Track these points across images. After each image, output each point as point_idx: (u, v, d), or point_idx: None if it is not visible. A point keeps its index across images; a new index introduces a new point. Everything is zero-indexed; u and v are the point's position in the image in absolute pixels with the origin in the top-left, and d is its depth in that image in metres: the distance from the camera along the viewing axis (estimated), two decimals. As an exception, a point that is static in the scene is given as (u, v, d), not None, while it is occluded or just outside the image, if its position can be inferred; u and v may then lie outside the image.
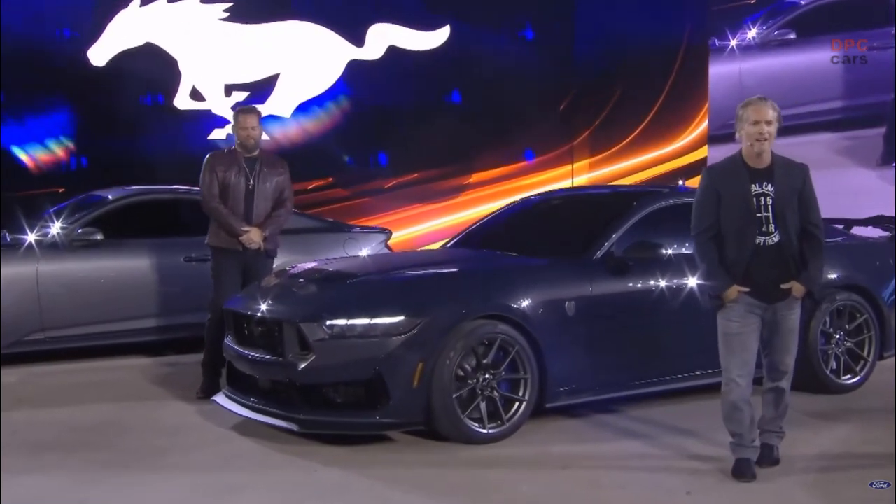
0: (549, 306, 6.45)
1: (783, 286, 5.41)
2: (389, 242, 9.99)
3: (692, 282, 6.83)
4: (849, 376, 7.47)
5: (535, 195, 8.56)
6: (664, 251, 6.78)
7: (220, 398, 6.74)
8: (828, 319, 7.38)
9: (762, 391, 5.65)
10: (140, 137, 13.24)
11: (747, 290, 5.40)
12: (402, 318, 6.07)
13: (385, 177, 14.12)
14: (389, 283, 6.64)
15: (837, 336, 7.44)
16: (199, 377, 7.52)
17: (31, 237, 8.51)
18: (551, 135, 14.51)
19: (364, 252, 9.41)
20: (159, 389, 7.68)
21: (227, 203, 7.49)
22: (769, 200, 5.37)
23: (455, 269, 6.85)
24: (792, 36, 14.70)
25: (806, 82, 14.34)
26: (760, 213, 5.37)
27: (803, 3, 14.82)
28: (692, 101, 14.68)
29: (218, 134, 13.53)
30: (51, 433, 6.52)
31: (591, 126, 14.64)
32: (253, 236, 7.45)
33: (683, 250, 6.90)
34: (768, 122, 5.34)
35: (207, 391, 7.30)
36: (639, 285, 6.79)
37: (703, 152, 14.39)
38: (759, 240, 5.38)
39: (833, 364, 7.41)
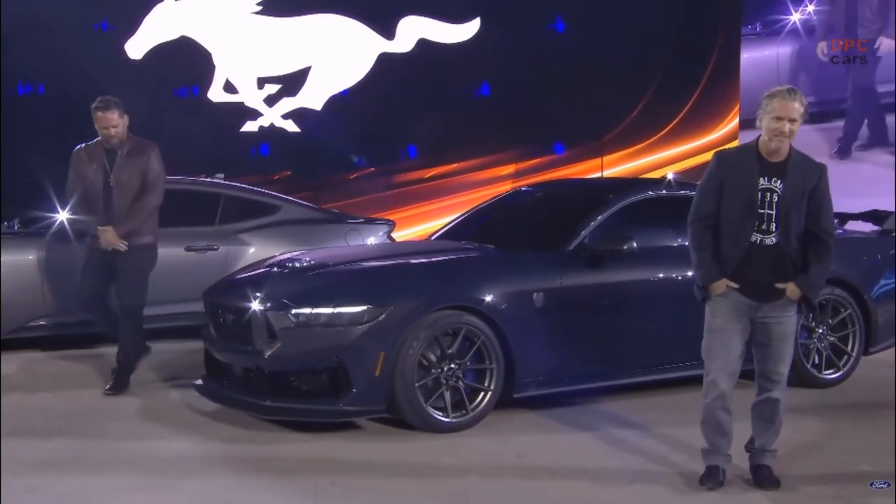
0: (516, 297, 6.50)
1: (778, 285, 5.12)
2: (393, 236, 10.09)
3: (665, 275, 6.86)
4: (831, 371, 7.43)
5: (524, 187, 8.59)
6: (638, 244, 6.76)
7: (198, 385, 6.91)
8: (810, 313, 7.33)
9: (752, 403, 5.35)
10: (175, 128, 13.44)
11: (737, 286, 5.16)
12: (365, 307, 6.17)
13: (413, 169, 14.23)
14: (356, 273, 6.75)
15: (820, 330, 7.40)
16: (194, 364, 7.70)
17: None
18: (581, 128, 14.47)
19: (371, 241, 9.54)
20: (151, 375, 7.85)
21: (87, 201, 7.29)
22: (775, 197, 5.06)
23: (422, 260, 6.92)
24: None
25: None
26: (763, 209, 5.07)
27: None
28: (726, 94, 14.55)
29: (250, 126, 13.76)
30: (29, 419, 6.70)
31: (623, 120, 14.56)
32: (107, 237, 7.20)
33: (658, 243, 6.94)
34: (792, 120, 4.99)
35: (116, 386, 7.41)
36: (611, 278, 6.81)
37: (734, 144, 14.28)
38: (756, 237, 5.09)
39: (815, 358, 7.37)
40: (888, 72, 13.95)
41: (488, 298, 6.41)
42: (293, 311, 6.23)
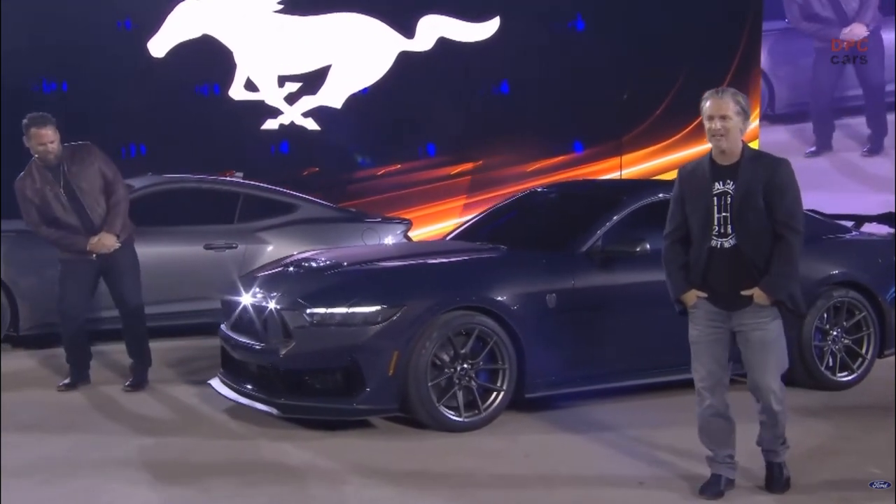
0: (529, 298, 6.55)
1: (744, 293, 5.07)
2: (410, 234, 10.16)
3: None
4: (845, 373, 7.42)
5: (539, 188, 8.64)
6: (650, 246, 6.78)
7: (214, 382, 7.00)
8: (825, 316, 7.33)
9: (757, 410, 5.29)
10: (196, 126, 13.52)
11: (705, 295, 5.16)
12: (379, 307, 6.24)
13: (430, 168, 14.29)
14: (370, 273, 6.82)
15: (834, 333, 7.39)
16: (211, 361, 7.79)
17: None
18: (601, 127, 14.47)
19: (388, 241, 9.62)
20: (168, 372, 7.96)
21: (59, 222, 7.20)
22: (728, 199, 5.05)
23: (437, 261, 6.99)
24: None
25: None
26: (719, 213, 5.06)
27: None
28: (748, 93, 14.49)
29: (271, 124, 13.85)
30: (43, 414, 6.82)
31: (645, 120, 14.54)
32: (106, 242, 7.21)
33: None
34: (724, 118, 5.00)
35: (73, 384, 7.44)
36: (623, 280, 6.84)
37: (754, 145, 14.23)
38: (715, 242, 5.08)
39: (829, 360, 7.37)
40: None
41: (501, 299, 6.47)
42: (308, 311, 6.30)
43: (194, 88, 13.98)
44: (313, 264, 7.00)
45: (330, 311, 6.28)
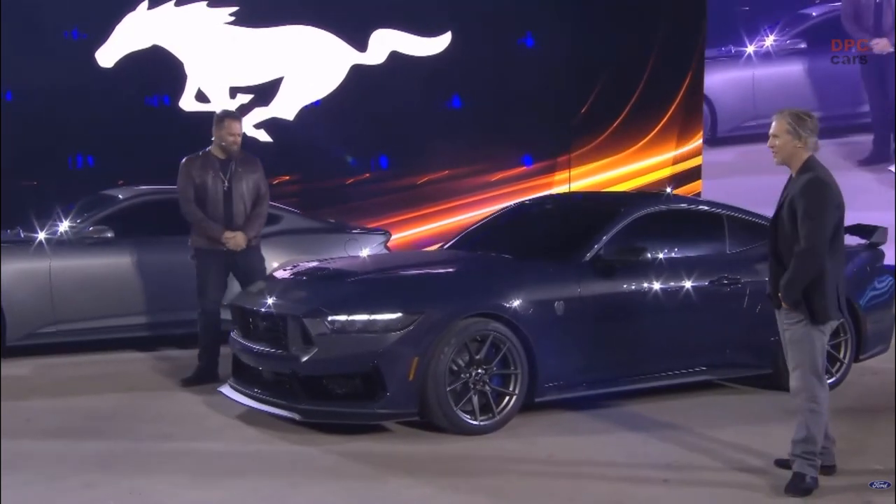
0: (539, 306, 6.78)
1: (780, 294, 5.46)
2: (389, 244, 10.32)
3: (676, 283, 7.20)
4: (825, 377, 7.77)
5: (530, 200, 8.91)
6: (650, 254, 7.12)
7: (225, 389, 7.08)
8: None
9: None
10: (145, 137, 13.45)
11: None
12: (399, 314, 6.40)
13: (385, 180, 14.45)
14: (389, 281, 7.00)
15: (814, 338, 7.75)
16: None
17: (42, 234, 8.85)
18: (550, 141, 14.79)
19: (364, 252, 9.75)
20: (167, 381, 8.02)
21: (205, 207, 7.76)
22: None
23: (451, 270, 7.22)
24: (802, 45, 15.06)
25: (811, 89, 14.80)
26: (776, 220, 5.57)
27: (814, 14, 15.17)
28: (694, 114, 14.90)
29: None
30: (63, 420, 6.85)
31: (598, 136, 14.88)
32: (239, 240, 7.77)
33: (669, 254, 7.28)
34: (774, 136, 5.48)
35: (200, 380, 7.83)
36: (625, 287, 7.12)
37: (697, 160, 14.68)
38: (770, 245, 5.60)
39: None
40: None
41: (513, 306, 6.68)
42: (330, 318, 6.43)
43: (144, 99, 13.93)
44: (328, 273, 7.14)
45: (351, 318, 6.42)
